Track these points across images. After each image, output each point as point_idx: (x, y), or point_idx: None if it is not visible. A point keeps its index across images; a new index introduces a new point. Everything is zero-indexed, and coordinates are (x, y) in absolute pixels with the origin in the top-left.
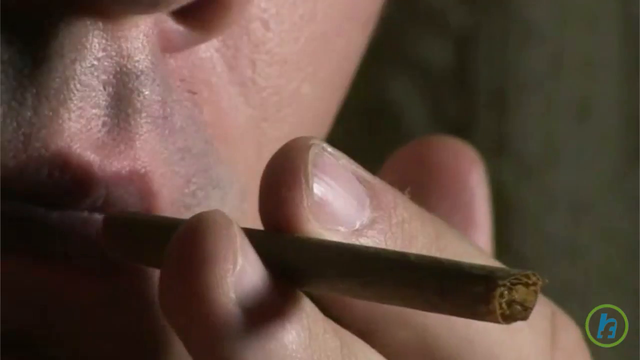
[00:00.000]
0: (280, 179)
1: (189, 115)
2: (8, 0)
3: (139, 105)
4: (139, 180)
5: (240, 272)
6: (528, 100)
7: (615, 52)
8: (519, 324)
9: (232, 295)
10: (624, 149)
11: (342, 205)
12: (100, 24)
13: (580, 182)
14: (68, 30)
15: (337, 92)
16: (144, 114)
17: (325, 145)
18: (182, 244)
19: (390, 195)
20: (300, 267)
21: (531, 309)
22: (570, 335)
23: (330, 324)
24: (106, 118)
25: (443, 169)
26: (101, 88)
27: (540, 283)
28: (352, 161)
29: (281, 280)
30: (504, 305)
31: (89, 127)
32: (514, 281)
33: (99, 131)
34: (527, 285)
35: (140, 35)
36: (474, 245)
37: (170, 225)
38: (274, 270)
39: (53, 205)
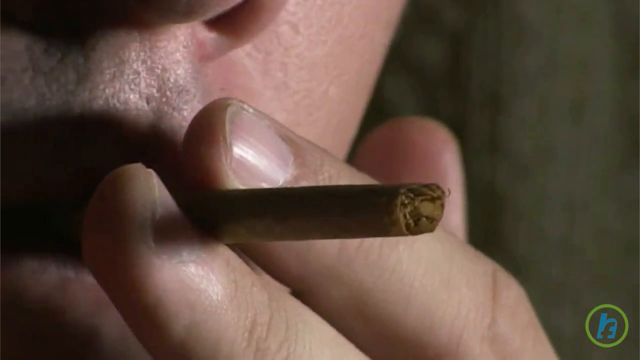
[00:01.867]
0: (199, 138)
1: None
2: (45, 12)
3: (177, 125)
4: None
5: (160, 222)
6: (522, 99)
7: (609, 51)
8: (458, 280)
9: (152, 244)
10: (618, 148)
11: (264, 162)
12: (137, 35)
13: (574, 181)
14: (105, 42)
15: (360, 94)
16: (180, 134)
17: (245, 105)
18: (102, 195)
19: (316, 153)
20: (220, 217)
21: (437, 221)
22: (512, 292)
23: (259, 279)
24: (145, 137)
25: (416, 149)
26: (144, 104)
27: (443, 196)
28: (276, 121)
29: (206, 234)
30: (407, 216)
31: (128, 147)
32: (418, 194)
33: (135, 152)
34: (432, 200)
35: (179, 47)
36: None
37: None
38: (199, 225)
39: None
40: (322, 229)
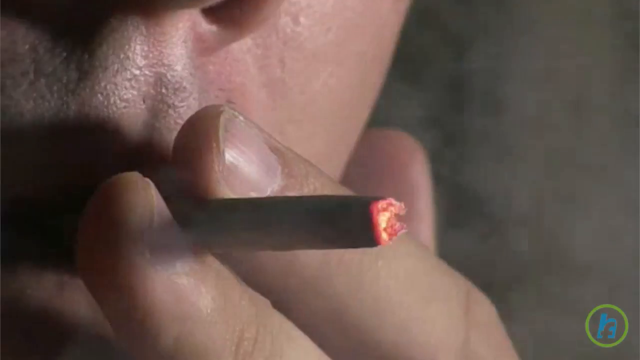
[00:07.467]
0: (193, 144)
1: None
2: (54, 6)
3: (172, 122)
4: None
5: (156, 232)
6: (525, 100)
7: (612, 51)
8: (433, 298)
9: (147, 253)
10: (622, 148)
11: (254, 171)
12: (143, 28)
13: (575, 180)
14: (112, 37)
15: (366, 78)
16: (175, 133)
17: (236, 112)
18: (99, 203)
19: (302, 165)
20: (209, 227)
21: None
22: (485, 310)
23: (247, 291)
24: (140, 137)
25: (385, 160)
26: (141, 102)
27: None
28: (264, 131)
29: (197, 245)
30: (389, 222)
31: (123, 148)
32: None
33: (130, 152)
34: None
35: (180, 40)
36: None
37: None
38: (190, 234)
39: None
40: (309, 241)
